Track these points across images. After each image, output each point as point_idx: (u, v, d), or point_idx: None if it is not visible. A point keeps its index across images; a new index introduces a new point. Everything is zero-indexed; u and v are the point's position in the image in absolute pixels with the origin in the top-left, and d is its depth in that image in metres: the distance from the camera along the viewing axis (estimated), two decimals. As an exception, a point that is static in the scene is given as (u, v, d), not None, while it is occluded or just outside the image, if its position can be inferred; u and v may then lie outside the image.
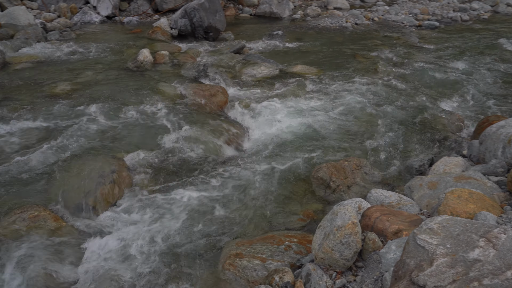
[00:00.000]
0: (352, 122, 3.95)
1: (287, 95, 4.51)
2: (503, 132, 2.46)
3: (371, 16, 9.01)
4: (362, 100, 4.45)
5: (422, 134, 3.83)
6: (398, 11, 9.78)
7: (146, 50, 5.07)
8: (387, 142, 3.62)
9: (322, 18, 8.66)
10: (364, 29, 8.05)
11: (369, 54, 6.28)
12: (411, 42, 7.19)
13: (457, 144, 3.54)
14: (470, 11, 10.56)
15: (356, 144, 3.58)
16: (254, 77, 5.10)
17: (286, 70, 5.41)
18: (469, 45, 7.18)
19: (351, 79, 5.11)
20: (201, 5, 6.47)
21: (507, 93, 5.00)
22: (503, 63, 6.11)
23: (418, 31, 8.19)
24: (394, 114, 4.18)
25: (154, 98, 4.02)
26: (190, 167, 3.06)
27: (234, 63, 5.51)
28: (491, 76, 5.51)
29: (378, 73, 5.42)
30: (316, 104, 4.27)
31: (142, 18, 7.95)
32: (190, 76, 4.85)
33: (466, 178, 2.25)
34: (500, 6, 11.26)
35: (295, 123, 3.85)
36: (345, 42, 6.97)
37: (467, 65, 5.89)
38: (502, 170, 2.25)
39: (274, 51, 6.36)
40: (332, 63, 5.79)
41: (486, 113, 4.36)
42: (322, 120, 3.94)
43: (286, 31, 7.54)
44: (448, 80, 5.29)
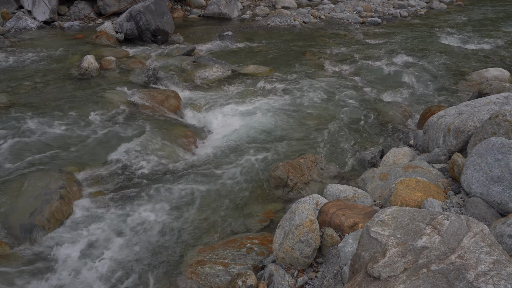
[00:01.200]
0: (305, 119, 4.04)
1: (241, 95, 4.52)
2: (443, 121, 2.63)
3: (318, 14, 9.27)
4: (314, 96, 4.56)
5: (372, 126, 4.00)
6: (343, 9, 10.14)
7: (90, 56, 4.84)
8: (340, 137, 3.74)
9: (271, 17, 8.76)
10: (312, 27, 8.25)
11: (318, 51, 6.45)
12: (356, 38, 7.48)
13: (404, 134, 3.74)
14: (408, 7, 11.21)
15: (311, 141, 3.66)
16: (206, 79, 5.05)
17: (238, 70, 5.41)
18: (409, 39, 7.61)
19: (302, 76, 5.22)
20: (147, 7, 6.28)
21: (445, 83, 5.36)
22: (439, 55, 6.55)
23: (362, 27, 8.54)
24: (345, 108, 4.33)
25: (102, 106, 3.85)
26: (144, 176, 2.96)
27: (185, 66, 5.41)
28: (430, 67, 5.88)
29: (327, 69, 5.58)
30: (269, 103, 4.31)
31: (84, 23, 7.57)
32: (139, 81, 4.69)
33: (413, 168, 2.38)
34: (434, 2, 12.06)
35: (250, 123, 3.86)
36: (294, 40, 7.11)
37: (408, 58, 6.24)
38: (444, 157, 2.40)
39: (225, 52, 6.33)
40: (283, 61, 5.87)
41: (428, 103, 4.64)
42: (276, 118, 3.98)
43: (236, 32, 7.54)
44: (393, 73, 5.57)
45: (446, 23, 9.57)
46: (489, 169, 1.84)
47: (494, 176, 1.80)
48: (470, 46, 7.38)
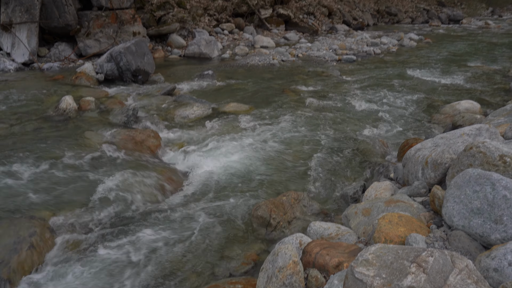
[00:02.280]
0: (286, 156, 4.04)
1: (221, 134, 4.52)
2: (420, 154, 2.67)
3: (296, 53, 9.60)
4: (294, 133, 4.61)
5: (352, 161, 4.03)
6: (320, 48, 10.56)
7: (69, 97, 4.80)
8: (321, 172, 3.74)
9: (250, 56, 9.02)
10: (290, 65, 8.51)
11: (297, 88, 6.62)
12: (333, 75, 7.74)
13: (384, 168, 3.77)
14: (381, 45, 11.78)
15: (293, 177, 3.65)
16: (187, 118, 5.05)
17: (219, 109, 5.45)
18: (383, 75, 7.93)
19: (282, 113, 5.30)
20: (127, 48, 6.37)
21: (421, 116, 5.53)
22: (412, 89, 6.81)
23: (338, 64, 8.87)
24: (325, 144, 4.38)
25: (79, 148, 3.76)
26: (122, 220, 2.85)
27: (166, 105, 5.43)
28: (404, 101, 6.09)
29: (306, 105, 5.70)
30: (250, 141, 4.31)
31: (64, 64, 7.59)
32: (119, 121, 4.65)
33: (395, 202, 2.37)
34: (404, 40, 12.74)
35: (231, 161, 3.84)
36: (273, 78, 7.28)
37: (384, 93, 6.46)
38: (424, 190, 2.41)
39: (205, 91, 6.40)
40: (263, 99, 5.97)
41: (406, 136, 4.75)
42: (257, 156, 3.98)
43: (216, 71, 7.68)
44: (369, 108, 5.73)
45: (417, 59, 10.07)
46: (468, 201, 1.84)
47: (474, 208, 1.81)
48: (440, 80, 7.73)
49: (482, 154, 2.04)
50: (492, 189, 1.79)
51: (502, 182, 1.79)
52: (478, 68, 9.21)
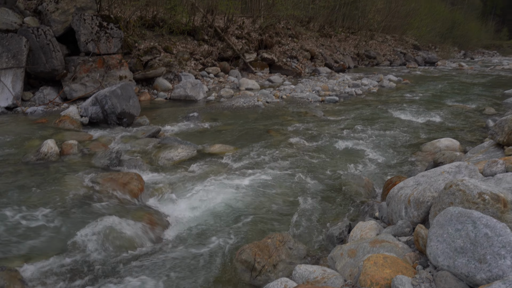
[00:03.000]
0: (272, 196, 4.01)
1: (206, 175, 4.48)
2: (403, 193, 2.68)
3: (280, 95, 9.84)
4: (279, 173, 4.61)
5: (338, 201, 4.01)
6: (303, 89, 10.86)
7: (51, 141, 4.73)
8: (307, 213, 3.70)
9: (236, 98, 9.18)
10: (275, 106, 8.69)
11: (281, 128, 6.71)
12: (317, 115, 7.90)
13: (369, 207, 3.76)
14: (362, 86, 12.21)
15: (278, 219, 3.59)
16: (171, 160, 5.02)
17: (204, 150, 5.45)
18: (365, 114, 8.14)
19: (267, 153, 5.32)
20: (113, 92, 6.42)
21: (403, 154, 5.62)
22: (394, 128, 6.99)
23: (322, 105, 9.10)
24: (310, 183, 4.37)
25: (58, 193, 3.65)
26: (102, 268, 2.72)
27: (150, 147, 5.40)
28: (387, 140, 6.21)
29: (291, 145, 5.75)
30: (235, 182, 4.28)
31: (48, 107, 7.57)
32: (101, 165, 4.58)
33: (380, 242, 2.34)
34: (384, 81, 13.25)
35: (215, 204, 3.77)
36: (258, 119, 7.39)
37: (367, 132, 6.60)
38: (408, 229, 2.40)
39: (190, 133, 6.43)
40: (248, 140, 6.01)
41: (389, 174, 4.80)
42: (242, 197, 3.93)
43: (201, 113, 7.77)
44: (353, 147, 5.81)
45: (397, 99, 10.43)
46: (451, 240, 1.83)
47: (457, 247, 1.80)
48: (420, 118, 7.97)
49: (461, 192, 2.06)
50: (474, 227, 1.79)
51: (482, 220, 1.80)
52: (455, 107, 9.57)
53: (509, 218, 1.90)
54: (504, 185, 2.18)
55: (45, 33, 7.61)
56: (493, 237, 1.71)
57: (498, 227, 1.74)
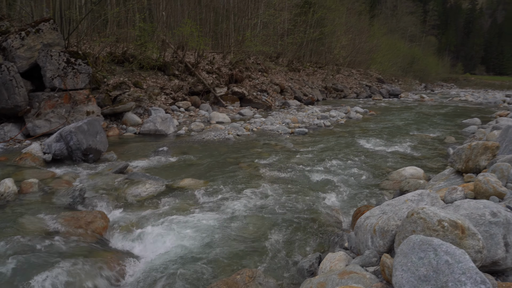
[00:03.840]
0: (241, 231, 3.94)
1: (175, 211, 4.37)
2: (368, 222, 2.71)
3: (250, 127, 9.95)
4: (249, 206, 4.56)
5: (308, 232, 4.00)
6: (273, 122, 11.04)
7: (8, 180, 4.50)
8: (277, 246, 3.66)
9: (206, 132, 9.19)
10: (245, 139, 8.74)
11: (252, 161, 6.73)
12: (287, 147, 8.01)
13: (339, 237, 3.76)
14: (330, 118, 12.57)
15: (248, 254, 3.52)
16: (139, 197, 4.87)
17: (173, 185, 5.34)
18: (334, 145, 8.33)
19: (237, 186, 5.28)
20: (79, 128, 6.27)
21: (371, 183, 5.74)
22: (362, 158, 7.17)
23: (291, 137, 9.25)
24: (281, 216, 4.35)
25: (14, 235, 3.42)
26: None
27: (117, 184, 5.24)
28: (355, 169, 6.34)
29: (261, 178, 5.75)
30: (204, 217, 4.19)
31: (9, 145, 7.25)
32: (63, 203, 4.38)
33: (348, 273, 2.33)
34: (351, 113, 13.72)
35: (183, 240, 3.66)
36: (229, 152, 7.39)
37: (335, 162, 6.72)
38: (375, 259, 2.41)
39: (160, 168, 6.31)
40: (218, 173, 5.97)
41: (358, 204, 4.86)
42: (211, 233, 3.84)
43: (171, 147, 7.69)
44: (323, 178, 5.88)
45: (364, 130, 10.79)
46: (415, 269, 1.85)
47: (421, 275, 1.81)
48: (387, 148, 8.25)
49: (422, 220, 2.11)
50: (435, 254, 1.82)
51: (443, 247, 1.83)
52: (419, 136, 10.00)
53: (467, 244, 1.95)
54: (462, 212, 2.26)
55: (8, 69, 7.43)
56: (454, 264, 1.75)
57: (458, 254, 1.77)
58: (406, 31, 61.94)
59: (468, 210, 2.26)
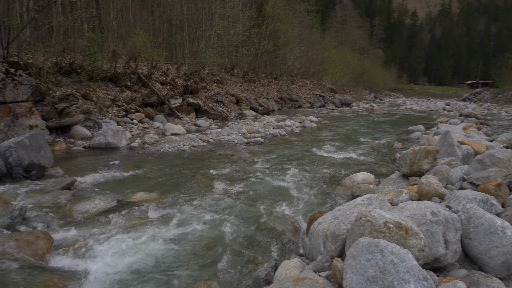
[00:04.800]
0: (197, 244, 3.85)
1: (126, 227, 4.18)
2: (320, 228, 2.76)
3: (206, 138, 9.85)
4: (205, 218, 4.48)
5: (264, 241, 3.99)
6: (229, 132, 11.03)
7: None
8: (233, 257, 3.61)
9: (161, 144, 8.97)
10: (201, 150, 8.64)
11: (208, 172, 6.64)
12: (243, 157, 8.01)
13: (294, 245, 3.79)
14: (285, 127, 12.79)
15: (204, 267, 3.44)
16: (87, 213, 4.61)
17: (125, 200, 5.12)
18: (289, 154, 8.47)
19: (193, 198, 5.18)
20: (19, 143, 5.85)
21: (325, 189, 5.88)
22: (316, 165, 7.34)
23: (247, 147, 9.28)
24: (237, 227, 4.31)
25: None
26: None
27: (63, 201, 4.92)
28: (310, 177, 6.48)
29: (217, 189, 5.68)
30: (158, 232, 4.05)
31: None
32: (1, 224, 4.02)
33: (302, 280, 2.34)
34: (306, 122, 14.06)
35: (136, 257, 3.50)
36: (184, 164, 7.24)
37: (291, 171, 6.82)
38: (328, 264, 2.45)
39: (111, 182, 6.04)
40: (173, 186, 5.82)
41: (313, 210, 4.95)
42: (165, 248, 3.71)
43: (124, 160, 7.40)
44: (278, 186, 5.94)
45: (318, 138, 11.09)
46: (364, 270, 1.90)
47: (369, 276, 1.86)
48: (340, 155, 8.52)
49: (369, 222, 2.18)
50: (382, 255, 1.88)
51: (388, 248, 1.90)
52: (369, 143, 10.45)
53: (411, 243, 2.04)
54: (406, 213, 2.37)
55: None
56: (398, 264, 1.82)
57: (402, 253, 1.85)
58: (356, 44, 65.19)
59: (411, 211, 2.37)
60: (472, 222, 2.39)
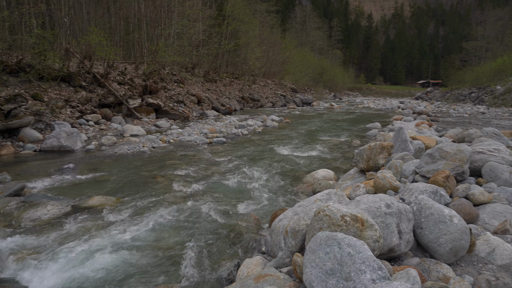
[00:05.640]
0: (157, 246, 3.75)
1: (82, 233, 3.98)
2: (281, 224, 2.78)
3: (167, 139, 9.64)
4: (165, 221, 4.37)
5: (227, 241, 3.96)
6: (191, 132, 10.87)
7: None
8: (197, 259, 3.55)
9: (119, 145, 8.66)
10: (162, 151, 8.44)
11: (169, 173, 6.50)
12: (205, 157, 7.93)
13: (257, 243, 3.80)
14: (247, 127, 12.81)
15: (166, 270, 3.35)
16: (38, 220, 4.34)
17: (80, 205, 4.88)
18: (251, 153, 8.49)
19: (153, 201, 5.04)
20: (-40, 147, 5.40)
21: (287, 187, 5.95)
22: (278, 163, 7.41)
23: (209, 147, 9.19)
24: (199, 227, 4.25)
25: None
26: None
27: (10, 208, 4.61)
28: (272, 175, 6.53)
29: (178, 190, 5.58)
30: (116, 236, 3.90)
31: None
32: None
33: (263, 277, 2.34)
34: (267, 121, 14.17)
35: (93, 263, 3.34)
36: (144, 166, 7.04)
37: (253, 170, 6.84)
38: (288, 260, 2.47)
39: (65, 187, 5.73)
40: (132, 188, 5.64)
41: (276, 208, 4.98)
42: (124, 252, 3.58)
43: (79, 164, 7.07)
44: (241, 186, 5.93)
45: (280, 137, 11.21)
46: (322, 264, 1.93)
47: (327, 269, 1.90)
48: (301, 153, 8.66)
49: (328, 217, 2.22)
50: (339, 248, 1.92)
51: (345, 240, 1.95)
52: (329, 140, 10.72)
53: (367, 235, 2.10)
54: (362, 206, 2.44)
55: None
56: (355, 255, 1.86)
57: (358, 245, 1.90)
58: (315, 44, 66.69)
59: (367, 204, 2.45)
60: (423, 212, 2.51)
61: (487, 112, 21.26)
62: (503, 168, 3.59)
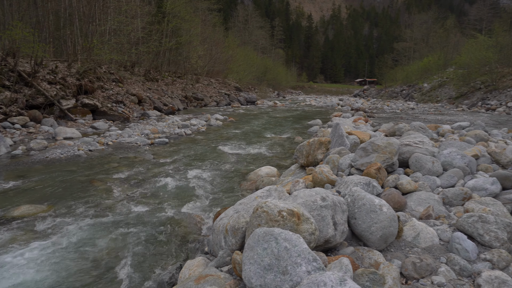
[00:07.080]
0: (94, 255, 3.54)
1: (5, 246, 3.63)
2: (221, 223, 2.77)
3: (105, 141, 9.16)
4: (103, 226, 4.15)
5: (170, 244, 3.86)
6: (131, 134, 10.43)
7: None
8: (138, 264, 3.41)
9: (51, 150, 8.04)
10: (99, 154, 8.00)
11: (107, 177, 6.17)
12: (146, 159, 7.66)
13: (200, 243, 3.75)
14: (191, 126, 12.60)
15: (105, 278, 3.17)
16: (-47, 236, 3.89)
17: (5, 215, 4.46)
18: (195, 153, 8.36)
19: (89, 206, 4.76)
20: None
21: (232, 186, 5.94)
22: (222, 162, 7.39)
23: (151, 148, 8.90)
24: (139, 233, 4.09)
25: None
26: None
27: None
28: (216, 174, 6.49)
29: (117, 194, 5.32)
30: (47, 247, 3.61)
31: None
32: None
33: (204, 277, 2.31)
34: (211, 120, 14.06)
35: (19, 277, 3.07)
36: (79, 170, 6.62)
37: (197, 170, 6.74)
38: (229, 258, 2.46)
39: (-14, 197, 5.20)
40: (65, 195, 5.27)
41: (219, 207, 4.96)
42: (57, 264, 3.33)
43: (3, 171, 6.45)
44: (184, 186, 5.81)
45: (224, 136, 11.18)
46: (260, 260, 1.95)
47: (265, 265, 1.92)
48: (245, 151, 8.71)
49: (265, 213, 2.25)
50: (276, 243, 1.95)
51: (282, 235, 1.98)
52: (273, 138, 10.91)
53: (303, 229, 2.16)
54: (299, 200, 2.51)
55: None
56: (291, 249, 1.91)
57: (294, 239, 1.94)
58: (258, 43, 67.53)
59: (304, 198, 2.52)
60: (356, 203, 2.64)
61: (416, 108, 23.09)
62: (427, 158, 3.90)
